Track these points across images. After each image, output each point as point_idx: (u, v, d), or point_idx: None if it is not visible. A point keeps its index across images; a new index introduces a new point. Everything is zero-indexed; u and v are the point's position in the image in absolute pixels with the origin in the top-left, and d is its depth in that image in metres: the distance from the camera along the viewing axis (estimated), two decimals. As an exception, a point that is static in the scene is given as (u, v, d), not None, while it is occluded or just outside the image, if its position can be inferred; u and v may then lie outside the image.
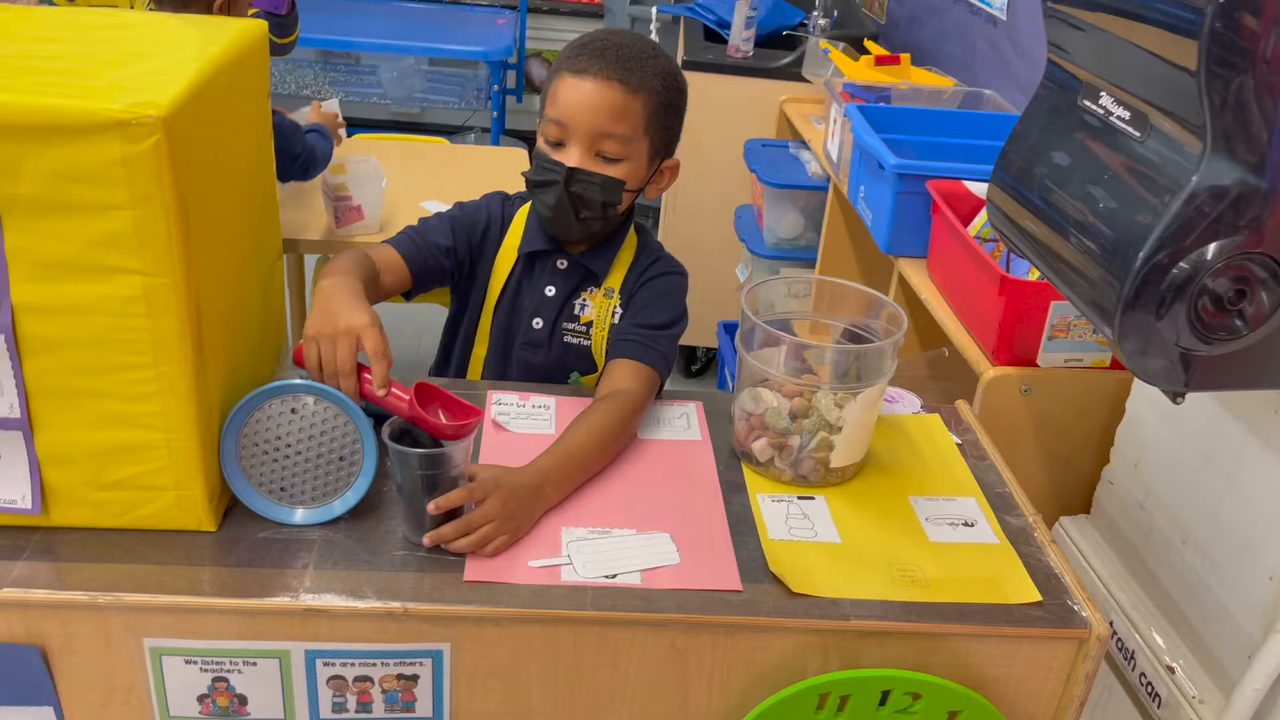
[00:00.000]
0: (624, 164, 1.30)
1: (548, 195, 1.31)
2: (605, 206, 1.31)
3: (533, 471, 1.14)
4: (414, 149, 2.98)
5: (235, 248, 1.10)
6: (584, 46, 1.30)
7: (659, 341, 1.34)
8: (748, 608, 1.05)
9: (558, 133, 1.29)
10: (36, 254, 0.92)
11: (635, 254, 1.42)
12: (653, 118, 1.30)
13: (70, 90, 0.89)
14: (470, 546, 1.06)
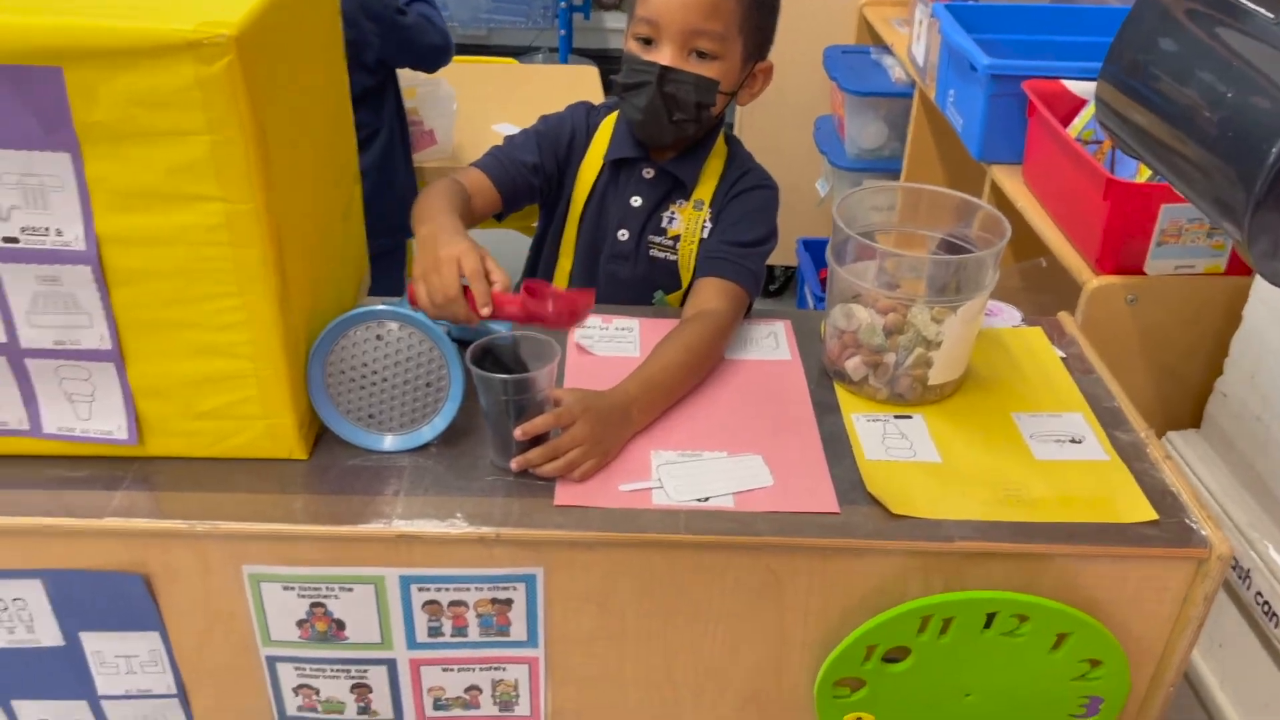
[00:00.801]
0: (718, 63, 1.26)
1: (639, 97, 1.26)
2: (699, 108, 1.27)
3: (619, 394, 1.12)
4: (483, 71, 2.94)
5: (314, 173, 1.08)
6: None
7: (749, 259, 1.30)
8: (845, 530, 1.02)
9: (649, 31, 1.25)
10: (117, 183, 0.91)
11: (725, 165, 1.36)
12: (747, 15, 1.26)
13: (141, 12, 0.87)
14: (558, 471, 1.05)
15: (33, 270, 0.94)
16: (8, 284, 0.95)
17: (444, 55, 2.02)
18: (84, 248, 0.93)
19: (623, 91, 1.29)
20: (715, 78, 1.26)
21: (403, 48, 1.94)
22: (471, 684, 1.10)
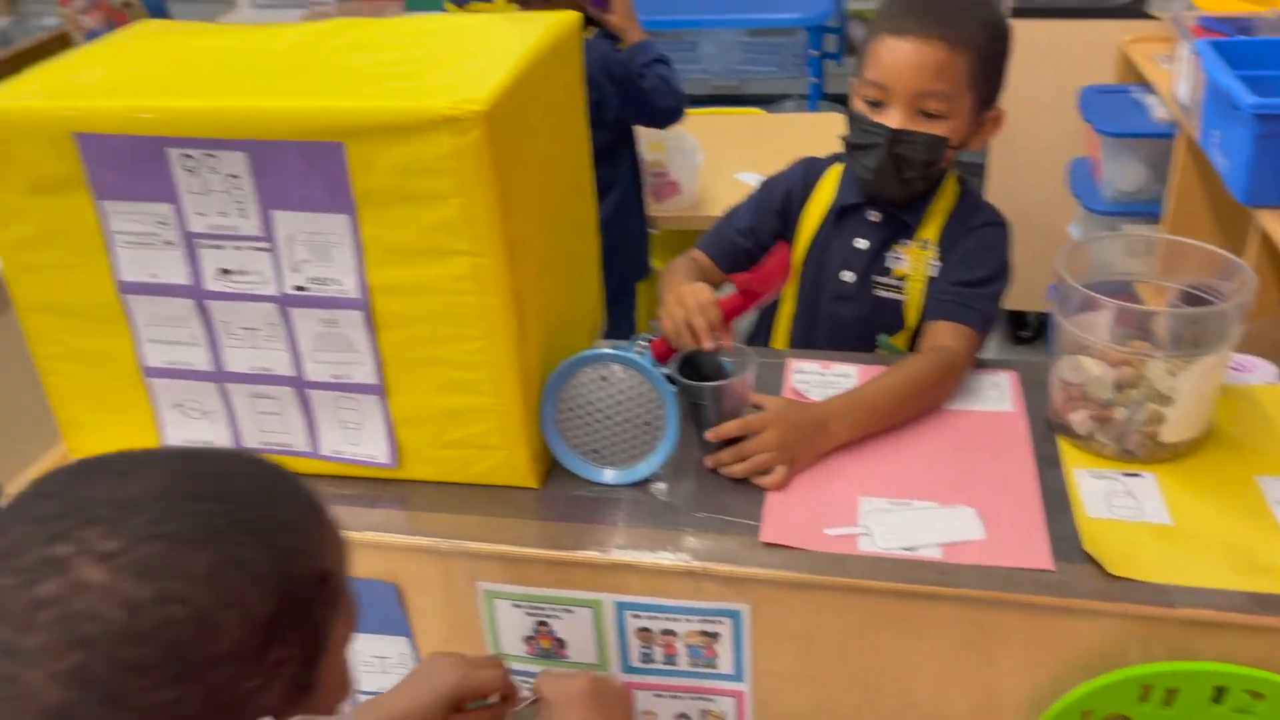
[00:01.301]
0: (947, 121, 1.26)
1: (869, 158, 1.29)
2: (928, 165, 1.28)
3: (819, 407, 1.16)
4: (729, 122, 3.03)
5: (552, 227, 1.19)
6: (905, 4, 1.26)
7: (978, 299, 1.29)
8: (1060, 588, 1.00)
9: (877, 94, 1.27)
10: (385, 240, 1.04)
11: (954, 203, 1.36)
12: (977, 71, 1.25)
13: (407, 92, 1.00)
14: (743, 472, 1.12)
15: (317, 314, 1.10)
16: (297, 325, 1.11)
17: (677, 115, 2.12)
18: (357, 295, 1.07)
19: (852, 151, 1.32)
20: (944, 135, 1.26)
21: (640, 108, 2.06)
22: (681, 711, 1.15)
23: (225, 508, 0.60)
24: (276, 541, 0.61)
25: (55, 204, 1.08)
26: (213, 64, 1.14)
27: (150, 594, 0.55)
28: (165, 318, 1.13)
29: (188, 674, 0.56)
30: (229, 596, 0.57)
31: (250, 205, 1.05)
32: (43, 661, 0.54)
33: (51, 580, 0.54)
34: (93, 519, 0.56)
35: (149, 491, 0.58)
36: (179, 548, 0.56)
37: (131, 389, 1.18)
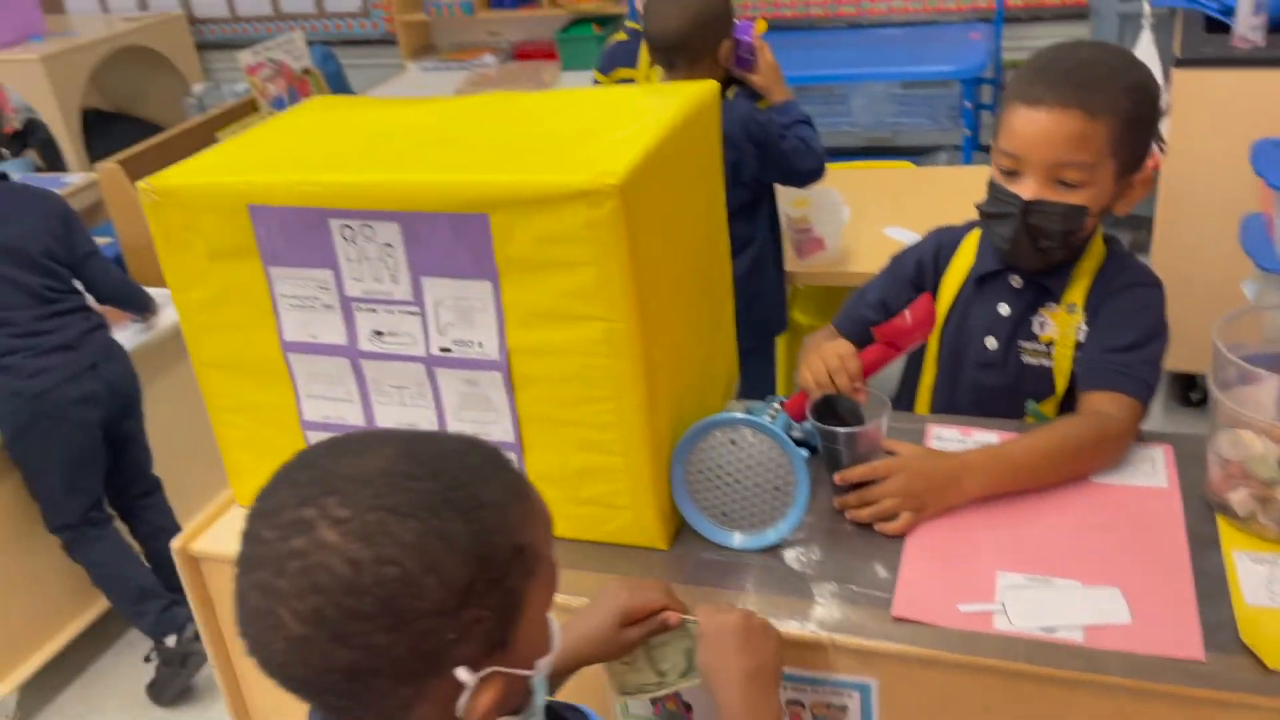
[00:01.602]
0: (1086, 189, 1.22)
1: (1003, 227, 1.26)
2: (1067, 235, 1.24)
3: (955, 458, 1.15)
4: (879, 176, 3.01)
5: (685, 292, 1.21)
6: (1038, 71, 1.22)
7: (1135, 366, 1.23)
8: (1211, 680, 0.94)
9: (1011, 163, 1.24)
10: (524, 305, 1.09)
11: (1101, 264, 1.31)
12: (1120, 138, 1.20)
13: (548, 166, 1.05)
14: (867, 517, 1.13)
15: (460, 374, 1.15)
16: (442, 385, 1.16)
17: (816, 176, 2.13)
18: (497, 357, 1.12)
19: (986, 219, 1.29)
20: (1083, 204, 1.22)
21: (779, 169, 2.07)
22: (807, 783, 1.13)
23: (436, 486, 0.68)
24: (477, 517, 0.68)
25: (230, 269, 1.18)
26: (372, 139, 1.22)
27: (370, 556, 0.65)
28: (323, 375, 1.20)
29: (397, 624, 0.65)
30: (431, 563, 0.66)
31: (402, 272, 1.11)
32: (289, 600, 0.65)
33: (300, 538, 0.65)
34: (332, 489, 0.67)
35: (376, 469, 0.68)
36: (394, 519, 0.66)
37: (291, 441, 1.26)
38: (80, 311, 2.22)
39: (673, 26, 1.96)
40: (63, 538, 2.22)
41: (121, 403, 2.25)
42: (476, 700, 0.69)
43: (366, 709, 0.68)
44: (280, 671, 0.68)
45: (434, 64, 4.55)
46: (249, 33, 5.02)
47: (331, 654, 0.65)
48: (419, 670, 0.67)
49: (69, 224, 2.24)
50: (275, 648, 0.66)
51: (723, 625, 0.97)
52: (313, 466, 0.70)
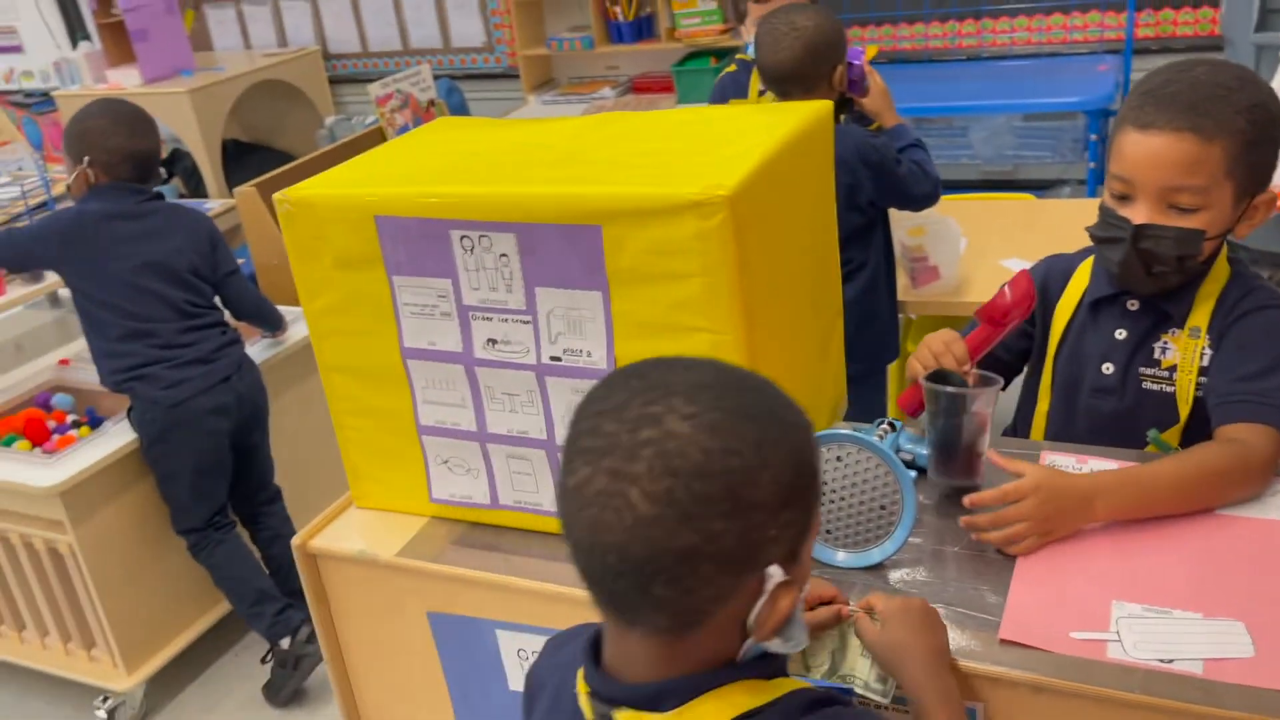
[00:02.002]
0: (1202, 213, 1.19)
1: (1114, 252, 1.24)
2: (1181, 260, 1.21)
3: (1086, 481, 1.12)
4: (998, 207, 2.96)
5: (794, 310, 1.22)
6: (1149, 94, 1.20)
7: (1271, 393, 1.18)
8: (1341, 720, 0.89)
9: (1123, 188, 1.22)
10: (633, 316, 1.11)
11: (1224, 286, 1.27)
12: (1237, 159, 1.17)
13: (659, 179, 1.07)
14: (997, 540, 1.10)
15: (569, 383, 1.18)
16: (551, 393, 1.19)
17: (931, 200, 2.10)
18: (605, 367, 1.15)
19: (1098, 244, 1.27)
20: (1200, 228, 1.19)
21: (895, 193, 2.06)
22: (907, 809, 1.11)
23: (762, 400, 0.78)
24: (793, 436, 0.78)
25: (356, 278, 1.23)
26: (492, 155, 1.27)
27: (718, 446, 0.73)
28: (439, 380, 1.25)
29: (734, 511, 0.73)
30: (766, 461, 0.74)
31: (516, 281, 1.15)
32: (641, 481, 0.72)
33: (650, 429, 0.73)
34: (674, 391, 0.75)
35: (709, 380, 0.77)
36: (735, 419, 0.74)
37: (408, 445, 1.31)
38: (218, 326, 2.34)
39: (786, 56, 1.97)
40: (188, 540, 2.34)
41: (250, 415, 2.36)
42: (775, 604, 0.77)
43: (686, 595, 0.74)
44: (615, 552, 0.73)
45: (554, 97, 4.67)
46: (379, 67, 5.24)
47: (675, 534, 0.72)
48: (740, 560, 0.74)
49: (215, 243, 2.37)
50: (618, 528, 0.72)
51: (908, 606, 0.99)
52: (645, 376, 0.78)
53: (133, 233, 2.25)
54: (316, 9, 5.27)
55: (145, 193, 2.31)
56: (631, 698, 0.79)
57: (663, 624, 0.76)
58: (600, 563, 0.74)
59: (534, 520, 1.29)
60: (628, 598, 0.75)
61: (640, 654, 0.79)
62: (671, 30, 4.40)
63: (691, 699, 0.77)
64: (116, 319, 2.22)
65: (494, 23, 4.95)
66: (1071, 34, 4.16)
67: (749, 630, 0.78)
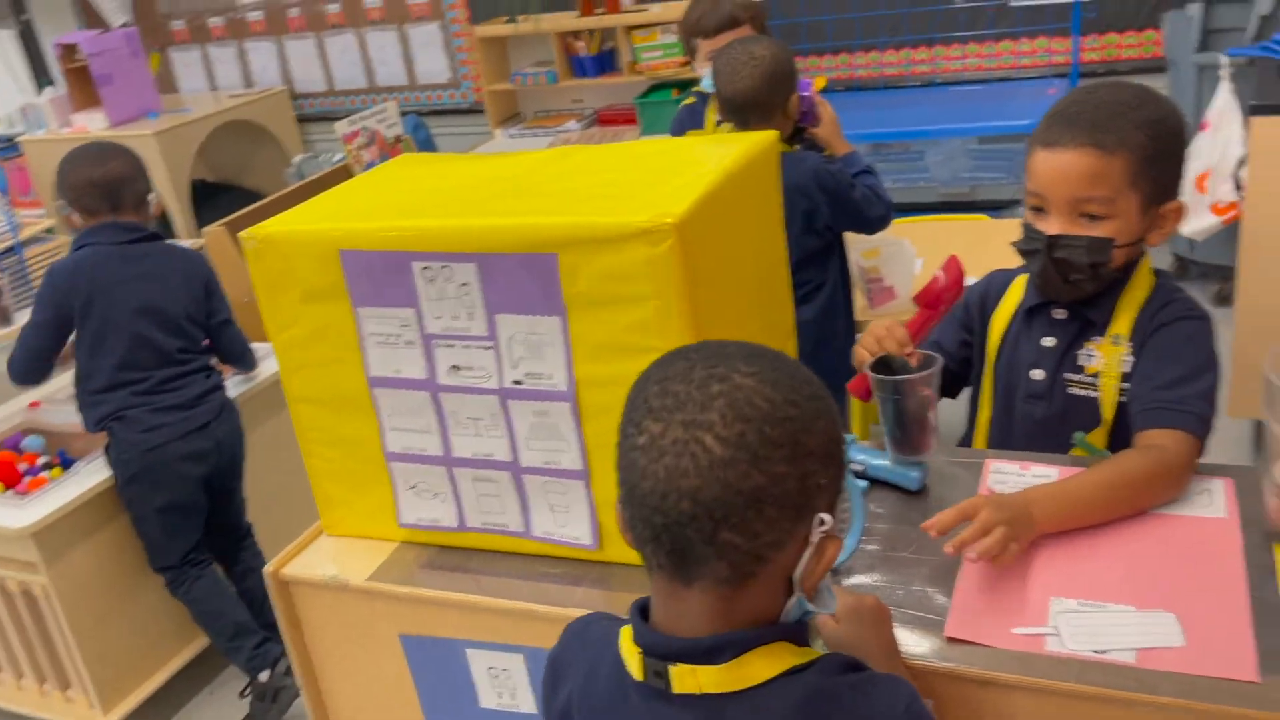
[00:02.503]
0: (1110, 222, 1.27)
1: (1034, 263, 1.33)
2: (1094, 267, 1.29)
3: (1020, 496, 1.17)
4: (953, 228, 3.04)
5: (744, 327, 1.27)
6: (1056, 115, 1.30)
7: (1187, 401, 1.25)
8: (1261, 701, 0.95)
9: (1038, 202, 1.31)
10: (590, 338, 1.16)
11: (1147, 296, 1.34)
12: (1139, 170, 1.26)
13: (611, 209, 1.13)
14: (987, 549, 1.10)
15: (531, 406, 1.22)
16: (514, 416, 1.24)
17: (885, 223, 2.18)
18: (565, 389, 1.19)
19: (1022, 256, 1.35)
20: (1108, 236, 1.27)
21: (851, 217, 2.13)
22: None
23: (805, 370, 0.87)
24: (830, 399, 0.86)
25: (322, 310, 1.28)
26: (452, 190, 1.32)
27: (780, 397, 0.82)
28: (405, 408, 1.29)
29: (795, 456, 0.81)
30: (819, 414, 0.84)
31: (477, 309, 1.20)
32: (715, 427, 0.80)
33: (718, 384, 0.81)
34: (733, 356, 0.84)
35: (759, 351, 0.86)
36: (789, 379, 0.84)
37: (377, 471, 1.35)
38: (203, 371, 2.36)
39: (745, 85, 2.04)
40: (166, 577, 2.35)
41: (228, 460, 2.39)
42: (821, 554, 0.85)
43: (749, 539, 0.80)
44: (690, 496, 0.79)
45: (520, 130, 4.74)
46: (346, 105, 5.30)
47: (746, 476, 0.79)
48: (798, 505, 0.82)
49: (210, 288, 2.39)
50: (693, 473, 0.79)
51: (860, 605, 1.03)
52: (701, 349, 0.86)
53: (128, 275, 2.25)
54: (282, 50, 5.33)
55: (139, 230, 2.31)
56: (687, 651, 0.84)
57: (724, 574, 0.82)
58: (675, 509, 0.80)
59: (501, 541, 1.33)
60: (695, 548, 0.81)
61: (696, 611, 0.84)
62: (633, 64, 4.49)
63: (744, 654, 0.83)
64: (108, 367, 2.24)
65: (459, 59, 5.03)
66: (1021, 59, 4.28)
67: (795, 585, 0.85)
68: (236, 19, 5.34)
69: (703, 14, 2.43)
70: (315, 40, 5.24)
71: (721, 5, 2.42)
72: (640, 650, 0.87)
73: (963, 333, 1.47)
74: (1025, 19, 4.18)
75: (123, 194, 2.29)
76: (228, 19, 5.36)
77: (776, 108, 2.08)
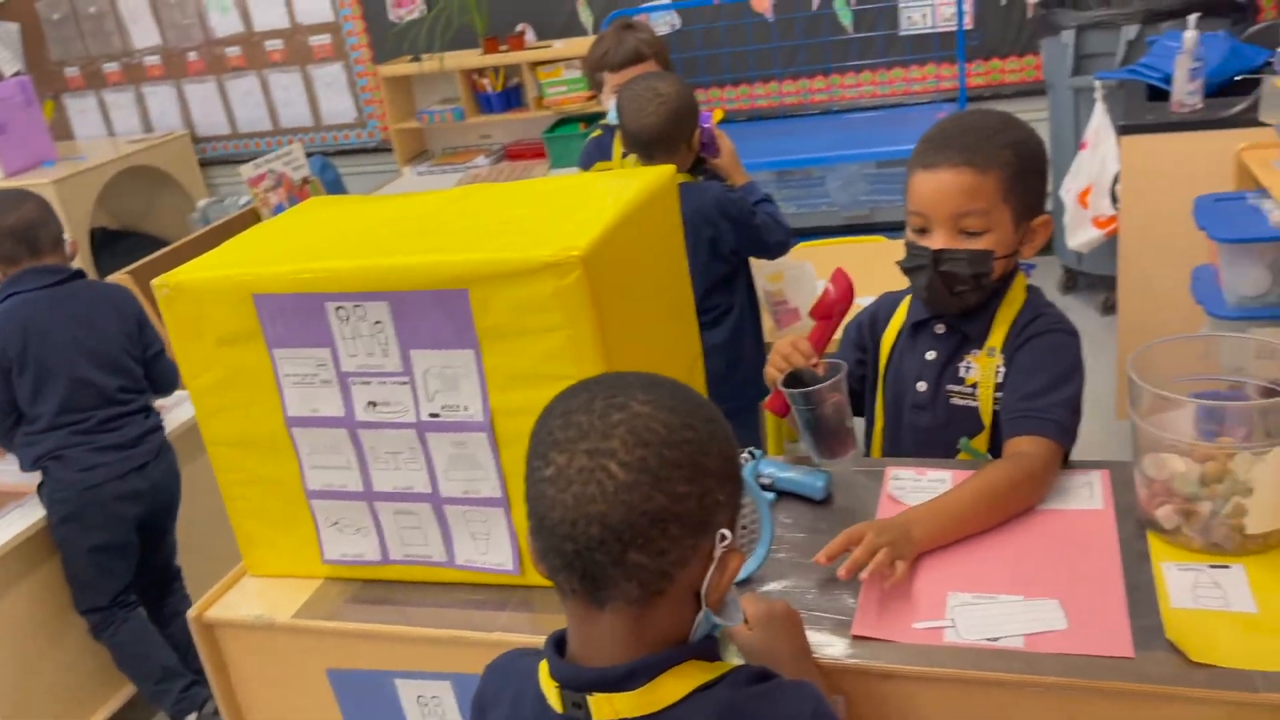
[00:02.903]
0: (988, 235, 1.37)
1: (920, 278, 1.42)
2: (977, 278, 1.38)
3: (900, 518, 1.23)
4: (852, 250, 3.16)
5: (652, 352, 1.33)
6: (930, 140, 1.40)
7: (1049, 409, 1.34)
8: (1139, 675, 1.03)
9: (920, 221, 1.41)
10: (503, 369, 1.21)
11: (1020, 310, 1.44)
12: (1009, 186, 1.37)
13: (518, 244, 1.18)
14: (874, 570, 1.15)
15: (448, 437, 1.26)
16: (432, 448, 1.27)
17: (785, 248, 2.29)
18: (481, 419, 1.24)
19: (907, 274, 1.44)
20: (988, 248, 1.37)
21: (753, 242, 2.22)
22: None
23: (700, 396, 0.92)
24: (724, 421, 0.92)
25: (237, 353, 1.30)
26: (362, 231, 1.36)
27: (678, 421, 0.87)
28: (324, 446, 1.32)
29: (695, 475, 0.86)
30: (714, 436, 0.89)
31: (392, 346, 1.23)
32: (618, 454, 0.84)
33: (618, 413, 0.86)
34: (631, 386, 0.89)
35: (656, 380, 0.91)
36: (685, 404, 0.89)
37: (298, 510, 1.37)
38: (143, 412, 2.35)
39: (651, 121, 2.12)
40: (91, 620, 2.32)
41: (164, 502, 2.37)
42: (724, 568, 0.90)
43: (657, 558, 0.85)
44: (598, 521, 0.84)
45: (428, 168, 4.76)
46: (250, 148, 5.25)
47: (649, 497, 0.84)
48: (699, 523, 0.87)
49: (142, 322, 2.39)
50: (600, 498, 0.84)
51: (770, 611, 1.08)
52: (601, 381, 0.91)
53: (61, 319, 2.24)
54: (182, 93, 5.27)
55: (63, 271, 2.30)
56: (602, 681, 0.89)
57: (634, 594, 0.86)
58: (585, 535, 0.84)
59: (425, 572, 1.36)
60: (605, 571, 0.85)
61: (609, 636, 0.89)
62: (539, 99, 4.55)
63: (656, 677, 0.88)
64: (49, 412, 2.21)
65: (364, 99, 5.03)
66: (912, 85, 4.46)
67: (702, 600, 0.90)
68: (133, 64, 5.27)
69: (608, 49, 2.50)
70: (216, 83, 5.19)
71: (626, 41, 2.49)
72: (558, 684, 0.91)
73: (858, 352, 1.55)
74: (914, 47, 4.37)
75: (40, 237, 2.29)
76: (123, 64, 5.29)
77: (680, 142, 2.16)
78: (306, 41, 4.97)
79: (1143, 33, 3.39)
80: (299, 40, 4.98)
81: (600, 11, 4.53)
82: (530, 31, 4.64)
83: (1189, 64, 2.68)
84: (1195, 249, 2.67)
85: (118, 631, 2.31)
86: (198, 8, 5.05)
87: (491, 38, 4.50)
